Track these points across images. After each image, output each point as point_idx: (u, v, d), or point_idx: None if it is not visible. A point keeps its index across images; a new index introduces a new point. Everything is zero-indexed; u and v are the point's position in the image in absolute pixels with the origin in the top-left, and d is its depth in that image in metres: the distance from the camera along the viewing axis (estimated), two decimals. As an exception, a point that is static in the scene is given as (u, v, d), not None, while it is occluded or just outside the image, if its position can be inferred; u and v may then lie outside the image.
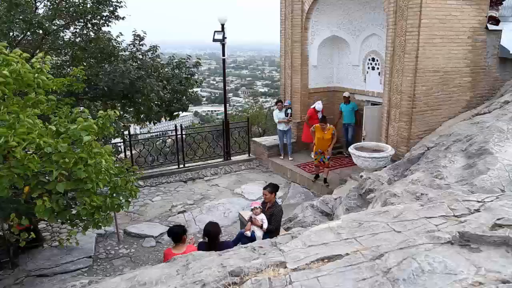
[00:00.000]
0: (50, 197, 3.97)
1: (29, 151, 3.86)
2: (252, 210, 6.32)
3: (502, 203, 2.88)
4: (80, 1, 9.40)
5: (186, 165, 12.34)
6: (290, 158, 12.28)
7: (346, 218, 3.16)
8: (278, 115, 12.18)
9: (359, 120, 11.76)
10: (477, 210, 2.86)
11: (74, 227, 4.78)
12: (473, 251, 2.39)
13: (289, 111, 12.14)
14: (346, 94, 12.05)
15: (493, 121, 6.43)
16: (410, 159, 7.26)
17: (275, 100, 13.32)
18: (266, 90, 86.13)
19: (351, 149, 8.93)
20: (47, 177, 4.02)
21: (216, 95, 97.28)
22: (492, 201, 2.98)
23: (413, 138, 9.05)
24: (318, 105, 11.96)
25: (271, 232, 6.04)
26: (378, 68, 11.64)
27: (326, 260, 2.51)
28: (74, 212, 4.37)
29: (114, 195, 4.66)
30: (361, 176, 8.88)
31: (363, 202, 6.55)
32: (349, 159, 10.47)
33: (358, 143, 9.63)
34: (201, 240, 5.79)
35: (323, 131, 9.98)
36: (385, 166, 7.99)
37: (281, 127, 12.21)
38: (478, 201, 3.02)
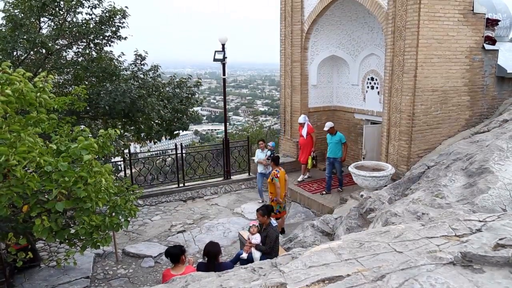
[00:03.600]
0: (49, 216, 3.95)
1: (29, 169, 3.86)
2: (249, 229, 6.41)
3: (504, 222, 2.86)
4: (84, 21, 9.56)
5: (186, 184, 12.30)
6: (262, 201, 10.83)
7: (347, 238, 3.13)
8: (259, 155, 11.07)
9: (346, 154, 10.80)
10: (479, 230, 2.84)
11: (72, 247, 4.74)
12: (475, 272, 2.36)
13: (268, 153, 10.98)
14: (329, 124, 10.69)
15: (493, 140, 6.44)
16: (410, 178, 7.25)
17: (258, 139, 12.59)
18: (266, 109, 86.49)
19: (351, 168, 8.92)
20: (46, 196, 4.00)
21: (216, 113, 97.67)
22: (493, 220, 2.96)
23: (413, 157, 9.05)
24: (300, 118, 11.65)
25: (266, 254, 6.06)
26: (377, 88, 11.73)
27: (327, 281, 2.48)
28: (72, 231, 4.34)
29: (114, 214, 4.64)
30: (362, 195, 8.85)
31: (364, 222, 6.50)
32: (349, 178, 10.41)
33: (358, 162, 9.61)
34: (200, 260, 5.73)
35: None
36: (386, 185, 7.97)
37: (260, 168, 11.00)
38: (480, 221, 3.00)
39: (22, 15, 8.98)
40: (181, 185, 12.18)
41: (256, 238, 6.29)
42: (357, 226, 6.50)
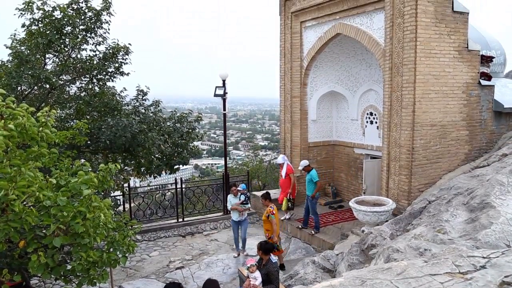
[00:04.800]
0: (46, 252, 3.88)
1: (27, 204, 3.83)
2: (248, 268, 6.22)
3: (508, 259, 2.81)
4: (87, 58, 9.79)
5: (185, 219, 12.16)
6: (244, 253, 9.91)
7: (348, 276, 3.07)
8: (231, 200, 9.87)
9: (320, 192, 10.72)
10: (483, 267, 2.79)
11: (68, 284, 4.62)
12: (481, 310, 2.30)
13: (242, 197, 9.79)
14: (303, 163, 10.73)
15: (493, 174, 6.43)
16: (411, 213, 7.19)
17: (230, 185, 11.16)
18: (266, 144, 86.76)
19: (351, 203, 8.86)
20: (44, 231, 3.95)
21: (217, 148, 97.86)
22: (497, 257, 2.91)
23: (413, 191, 9.00)
24: (278, 159, 11.51)
25: None
26: (376, 122, 11.84)
27: (329, 320, 2.41)
28: (69, 267, 4.25)
29: (111, 250, 4.56)
30: (363, 231, 8.73)
31: (366, 258, 6.38)
32: (350, 213, 10.29)
33: (358, 197, 9.55)
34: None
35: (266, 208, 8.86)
36: (387, 220, 7.88)
37: (234, 216, 9.79)
38: (484, 257, 2.96)
39: (28, 51, 9.21)
40: (180, 220, 12.04)
41: (256, 277, 6.10)
42: (359, 262, 6.37)
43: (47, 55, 9.68)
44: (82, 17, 9.46)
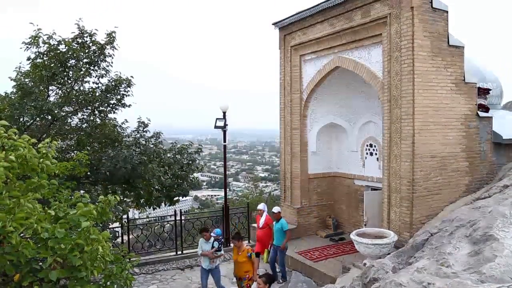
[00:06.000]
0: (41, 286, 3.80)
1: (25, 236, 3.79)
2: None
3: (513, 293, 2.75)
4: (90, 90, 9.94)
5: (184, 251, 11.96)
6: None
7: (351, 310, 3.00)
8: (203, 246, 8.79)
9: (286, 242, 9.94)
10: (488, 301, 2.73)
11: (62, 320, 4.49)
12: None
13: (215, 244, 8.76)
14: (275, 209, 10.28)
15: (495, 206, 6.38)
16: (414, 245, 7.07)
17: (200, 229, 10.04)
18: (266, 175, 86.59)
19: (353, 236, 8.74)
20: (40, 264, 3.89)
21: (216, 179, 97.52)
22: (503, 291, 2.85)
23: (415, 223, 8.91)
24: (260, 205, 10.75)
25: None
26: (376, 154, 11.86)
27: None
28: (64, 302, 4.14)
29: (108, 283, 4.46)
30: (365, 264, 8.55)
31: (369, 292, 6.23)
32: (351, 245, 10.13)
33: (359, 229, 9.43)
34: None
35: (237, 251, 8.32)
36: (389, 253, 7.75)
37: (205, 263, 8.79)
38: (488, 291, 2.89)
39: (32, 83, 9.36)
40: (179, 252, 11.85)
41: None
42: (362, 297, 6.22)
43: (50, 87, 9.85)
44: (86, 50, 9.68)
